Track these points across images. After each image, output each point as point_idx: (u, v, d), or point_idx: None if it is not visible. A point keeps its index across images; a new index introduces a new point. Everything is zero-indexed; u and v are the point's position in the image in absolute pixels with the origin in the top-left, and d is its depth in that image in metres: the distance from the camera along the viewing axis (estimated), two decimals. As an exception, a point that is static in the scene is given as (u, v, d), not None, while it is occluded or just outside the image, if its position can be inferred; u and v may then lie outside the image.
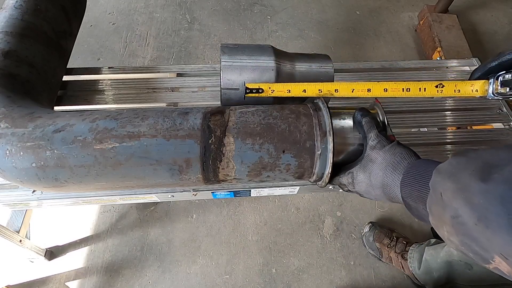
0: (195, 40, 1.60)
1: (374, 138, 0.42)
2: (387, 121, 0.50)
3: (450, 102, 0.76)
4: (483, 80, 0.45)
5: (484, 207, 0.25)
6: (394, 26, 1.71)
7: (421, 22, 1.62)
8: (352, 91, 0.49)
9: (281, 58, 0.53)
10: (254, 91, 0.50)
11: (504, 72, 0.43)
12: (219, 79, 0.59)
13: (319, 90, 0.50)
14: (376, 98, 0.54)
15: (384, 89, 0.49)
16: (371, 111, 0.47)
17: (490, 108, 0.75)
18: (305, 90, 0.50)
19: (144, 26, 1.64)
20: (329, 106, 0.46)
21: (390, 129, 0.53)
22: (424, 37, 1.59)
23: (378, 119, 0.46)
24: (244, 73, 0.51)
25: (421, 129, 0.77)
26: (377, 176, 0.40)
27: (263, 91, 0.50)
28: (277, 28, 1.67)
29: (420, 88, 0.48)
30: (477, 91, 0.46)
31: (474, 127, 0.80)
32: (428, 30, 1.54)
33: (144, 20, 1.66)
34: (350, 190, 0.46)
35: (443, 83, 0.47)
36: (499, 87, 0.43)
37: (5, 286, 0.98)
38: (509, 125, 0.73)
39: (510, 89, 0.42)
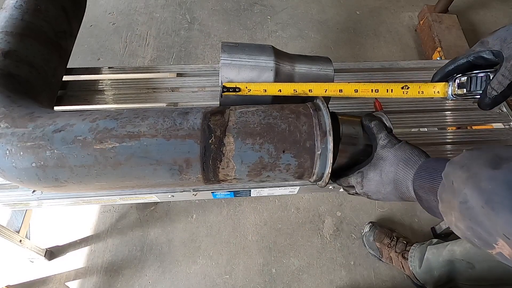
0: (195, 40, 1.60)
1: (385, 138, 0.44)
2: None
3: (450, 102, 0.76)
4: (444, 82, 0.48)
5: (492, 191, 0.27)
6: (394, 26, 1.71)
7: (421, 22, 1.61)
8: (325, 91, 0.50)
9: (281, 59, 0.53)
10: (231, 90, 0.50)
11: (460, 75, 0.45)
12: (219, 79, 0.59)
13: (294, 90, 0.51)
14: (376, 98, 0.55)
15: (355, 90, 0.50)
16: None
17: (490, 108, 0.75)
18: (280, 89, 0.51)
19: (144, 26, 1.64)
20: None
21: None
22: (424, 37, 1.58)
23: (385, 123, 0.48)
24: (243, 72, 0.51)
25: (421, 129, 0.77)
26: (389, 172, 0.42)
27: (240, 90, 0.51)
28: (277, 28, 1.67)
29: (387, 89, 0.49)
30: (438, 93, 0.48)
31: (474, 127, 0.80)
32: (428, 30, 1.54)
33: (144, 20, 1.66)
34: (357, 192, 0.47)
35: (408, 84, 0.49)
36: (457, 89, 0.46)
37: (5, 286, 0.98)
38: (509, 125, 0.73)
39: (466, 91, 0.44)
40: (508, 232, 0.26)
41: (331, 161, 0.43)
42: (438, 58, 1.42)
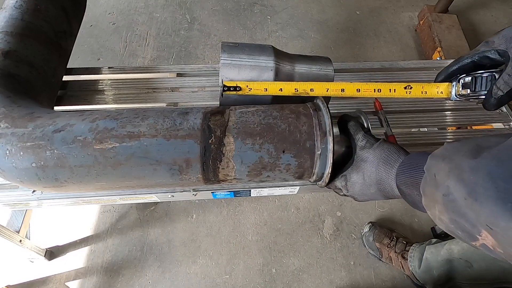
0: (195, 40, 1.60)
1: (362, 139, 0.43)
2: (387, 120, 0.50)
3: (450, 102, 0.76)
4: (447, 83, 0.47)
5: (474, 182, 0.27)
6: (394, 26, 1.71)
7: (421, 22, 1.62)
8: (327, 91, 0.50)
9: (281, 59, 0.53)
10: (231, 89, 0.50)
11: (465, 75, 0.45)
12: (219, 79, 0.59)
13: (295, 89, 0.50)
14: (376, 98, 0.55)
15: (357, 90, 0.50)
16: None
17: (490, 108, 0.75)
18: (281, 89, 0.51)
19: (144, 26, 1.64)
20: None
21: (390, 129, 0.53)
22: (424, 37, 1.58)
23: (362, 123, 0.47)
24: (243, 72, 0.51)
25: (421, 129, 0.77)
26: (371, 173, 0.42)
27: (240, 89, 0.50)
28: (277, 28, 1.67)
29: (390, 89, 0.49)
30: (442, 93, 0.48)
31: (474, 127, 0.80)
32: (428, 30, 1.54)
33: (144, 20, 1.66)
34: (345, 194, 0.46)
35: (411, 84, 0.49)
36: (461, 89, 0.45)
37: (5, 286, 0.98)
38: (509, 125, 0.73)
39: (470, 91, 0.44)
40: (491, 222, 0.25)
41: (331, 161, 0.43)
42: (438, 58, 1.42)
